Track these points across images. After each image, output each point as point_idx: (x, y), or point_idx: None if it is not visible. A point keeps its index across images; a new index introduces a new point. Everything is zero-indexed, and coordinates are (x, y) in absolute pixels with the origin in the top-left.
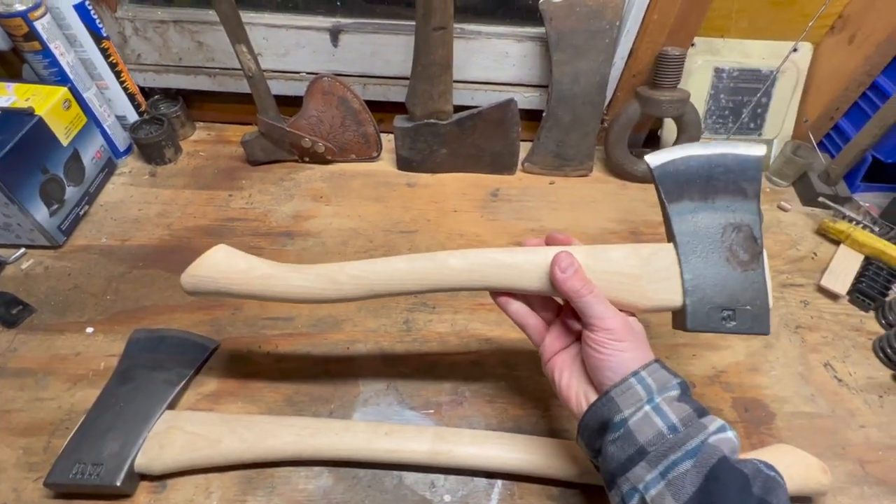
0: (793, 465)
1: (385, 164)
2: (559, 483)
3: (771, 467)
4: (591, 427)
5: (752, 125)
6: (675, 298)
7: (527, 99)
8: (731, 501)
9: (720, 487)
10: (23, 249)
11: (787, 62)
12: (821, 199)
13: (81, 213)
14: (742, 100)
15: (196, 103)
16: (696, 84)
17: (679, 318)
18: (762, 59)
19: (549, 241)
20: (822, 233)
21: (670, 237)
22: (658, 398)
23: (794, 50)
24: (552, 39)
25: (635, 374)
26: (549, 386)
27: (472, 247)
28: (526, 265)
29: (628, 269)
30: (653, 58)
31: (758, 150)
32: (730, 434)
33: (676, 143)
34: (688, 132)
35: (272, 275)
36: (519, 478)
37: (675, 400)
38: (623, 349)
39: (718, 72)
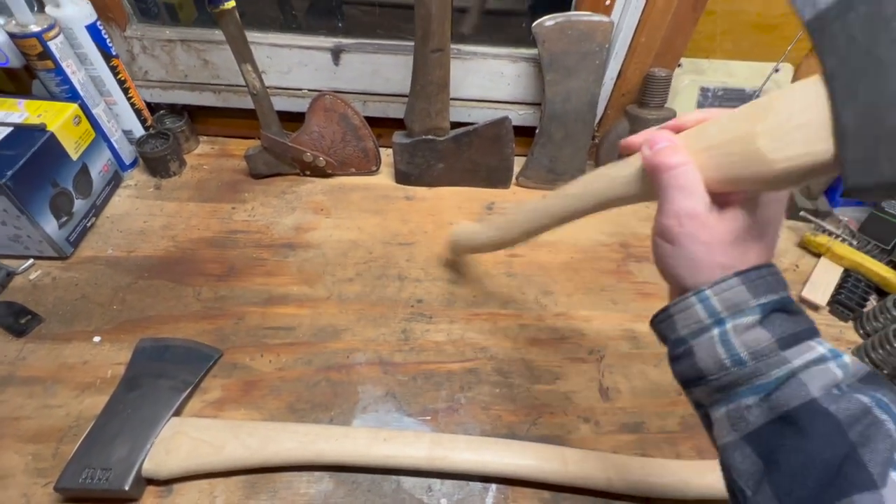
0: None
1: (384, 177)
2: (551, 487)
3: (886, 406)
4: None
5: None
6: (819, 148)
7: (521, 116)
8: (807, 451)
9: (795, 433)
10: (31, 260)
11: (769, 82)
12: (802, 213)
13: (89, 224)
14: None
15: (201, 118)
16: (683, 103)
17: (842, 174)
18: (746, 79)
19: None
20: (804, 246)
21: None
22: (728, 323)
23: (776, 70)
24: (545, 60)
25: (698, 292)
26: (542, 394)
27: (468, 258)
28: (631, 168)
29: (735, 130)
30: (641, 78)
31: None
32: (830, 365)
33: None
34: None
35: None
36: (513, 482)
37: (751, 326)
38: (674, 254)
39: (704, 91)
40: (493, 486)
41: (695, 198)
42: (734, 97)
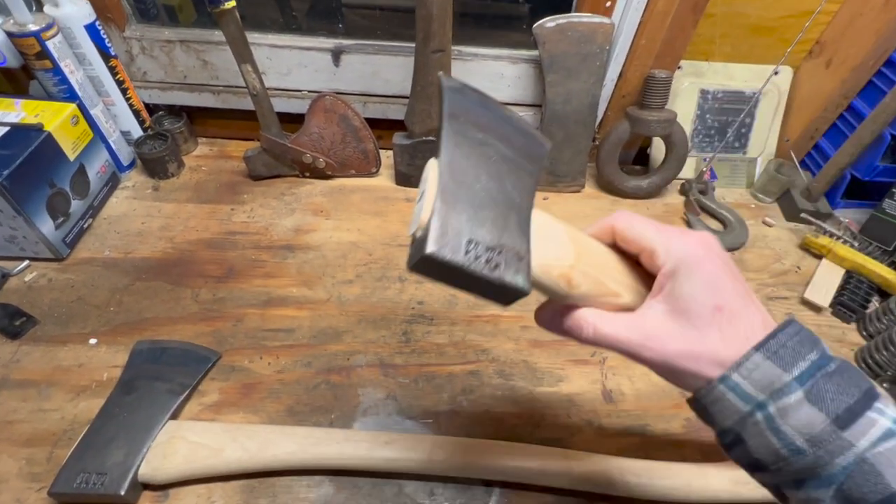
0: None
1: (384, 179)
2: (555, 490)
3: None
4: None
5: (736, 144)
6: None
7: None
8: None
9: None
10: (27, 262)
11: (768, 84)
12: (803, 214)
13: (85, 226)
14: (727, 120)
15: (199, 119)
16: (683, 105)
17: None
18: (745, 81)
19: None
20: (805, 247)
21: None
22: (771, 406)
23: (775, 73)
24: (545, 62)
25: (724, 379)
26: (545, 396)
27: None
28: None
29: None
30: (641, 80)
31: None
32: None
33: (665, 161)
34: (675, 150)
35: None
36: (515, 485)
37: (798, 405)
38: (670, 375)
39: (704, 93)
40: (496, 490)
41: (607, 332)
42: (734, 99)
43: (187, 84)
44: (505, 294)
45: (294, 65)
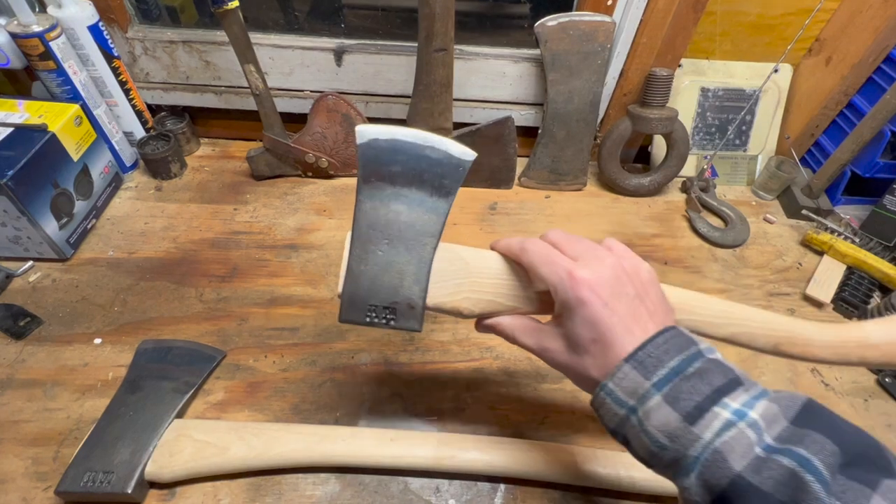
0: None
1: None
2: (560, 486)
3: (810, 464)
4: None
5: (737, 141)
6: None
7: (523, 116)
8: None
9: None
10: (31, 262)
11: (768, 82)
12: (804, 211)
13: (89, 226)
14: (728, 117)
15: (202, 120)
16: (684, 102)
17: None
18: (745, 79)
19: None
20: (807, 244)
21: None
22: (640, 410)
23: (775, 71)
24: (547, 60)
25: (602, 386)
26: (549, 393)
27: None
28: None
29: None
30: (642, 78)
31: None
32: (741, 427)
33: (666, 158)
34: (676, 148)
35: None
36: (521, 481)
37: (658, 408)
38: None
39: (705, 91)
40: (502, 486)
41: (519, 338)
42: (734, 97)
43: (190, 84)
44: (405, 331)
45: (296, 65)
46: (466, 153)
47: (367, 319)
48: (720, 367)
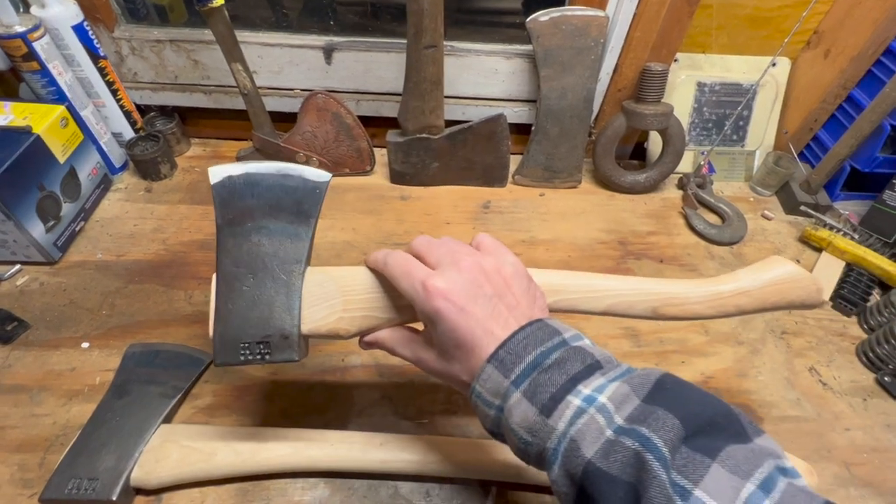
0: None
1: (378, 177)
2: (552, 490)
3: (651, 444)
4: None
5: (734, 137)
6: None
7: (516, 113)
8: None
9: (599, 502)
10: (18, 266)
11: (766, 76)
12: (802, 207)
13: (77, 229)
14: (725, 112)
15: (192, 120)
16: (680, 98)
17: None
18: (742, 73)
19: None
20: (805, 240)
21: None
22: (504, 408)
23: (773, 65)
24: (539, 56)
25: (472, 390)
26: None
27: None
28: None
29: None
30: (637, 73)
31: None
32: (591, 413)
33: (662, 155)
34: (672, 144)
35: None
36: (513, 485)
37: (517, 404)
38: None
39: (701, 86)
40: (493, 490)
41: (397, 350)
42: (731, 92)
43: (178, 84)
44: (288, 361)
45: (285, 63)
46: (322, 175)
47: (242, 358)
48: (580, 354)
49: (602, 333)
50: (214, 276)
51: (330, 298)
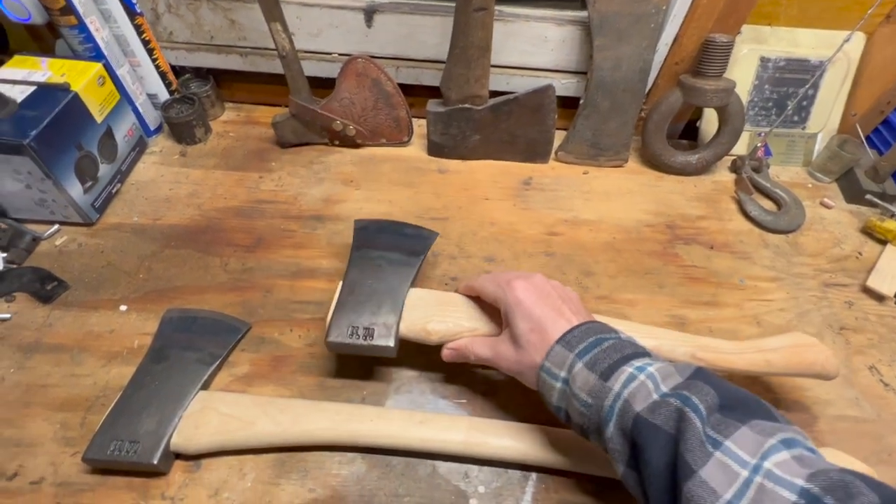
0: None
1: (415, 149)
2: (596, 479)
3: (692, 403)
4: None
5: (795, 118)
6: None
7: (563, 85)
8: (651, 462)
9: (641, 450)
10: (57, 226)
11: (839, 53)
12: (868, 196)
13: (114, 191)
14: (787, 91)
15: (226, 83)
16: (740, 73)
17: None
18: (811, 48)
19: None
20: (868, 231)
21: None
22: (568, 377)
23: (847, 40)
24: (594, 23)
25: (540, 367)
26: None
27: (505, 235)
28: None
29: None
30: (698, 45)
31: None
32: (641, 378)
33: (718, 134)
34: (731, 123)
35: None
36: (554, 471)
37: (580, 372)
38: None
39: (764, 61)
40: (534, 475)
41: (477, 351)
42: (797, 68)
43: (214, 45)
44: (382, 351)
45: (325, 25)
46: (431, 233)
47: (349, 335)
48: (632, 344)
49: (650, 320)
50: (341, 282)
51: (427, 307)
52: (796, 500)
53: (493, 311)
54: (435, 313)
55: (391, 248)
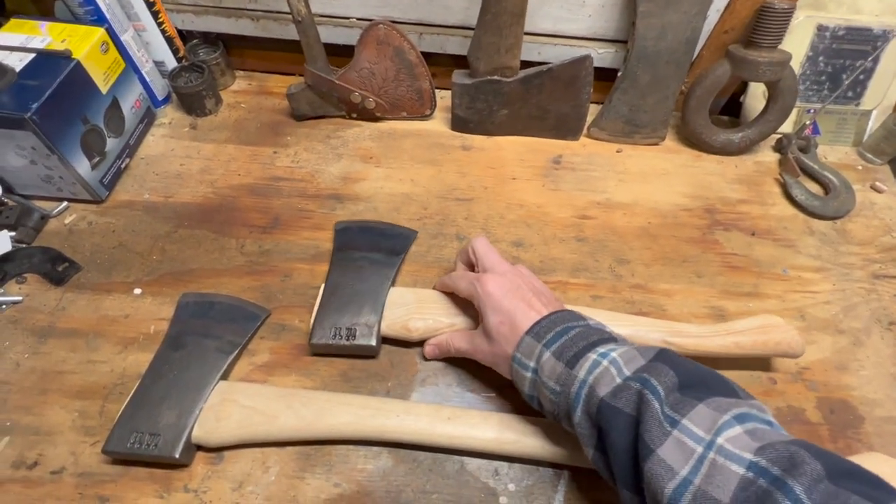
0: (884, 476)
1: (438, 123)
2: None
3: (651, 385)
4: None
5: (850, 94)
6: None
7: (599, 56)
8: (615, 445)
9: (608, 432)
10: (65, 203)
11: None
12: None
13: (123, 166)
14: (844, 63)
15: (236, 50)
16: (794, 43)
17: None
18: (875, 15)
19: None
20: None
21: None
22: (538, 367)
23: None
24: None
25: (512, 358)
26: None
27: (533, 218)
28: None
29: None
30: (752, 11)
31: (412, 234)
32: (604, 364)
33: (766, 111)
34: (782, 99)
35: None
36: (587, 471)
37: (548, 361)
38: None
39: (822, 30)
40: (566, 473)
41: (456, 345)
42: (857, 38)
43: (223, 7)
44: (365, 350)
45: None
46: (411, 232)
47: (332, 336)
48: (599, 331)
49: (687, 311)
50: (323, 284)
51: (407, 305)
52: (744, 474)
53: (470, 306)
54: (415, 311)
55: (372, 248)
